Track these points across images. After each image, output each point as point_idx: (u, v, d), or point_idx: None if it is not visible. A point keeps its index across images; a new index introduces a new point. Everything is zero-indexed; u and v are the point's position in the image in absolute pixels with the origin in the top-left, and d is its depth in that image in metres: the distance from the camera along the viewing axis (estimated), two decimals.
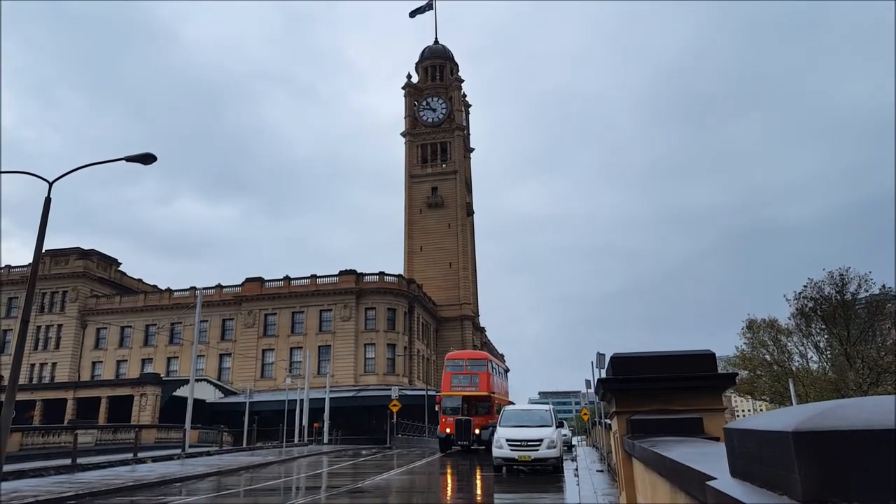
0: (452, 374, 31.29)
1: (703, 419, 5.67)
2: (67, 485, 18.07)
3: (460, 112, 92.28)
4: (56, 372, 69.53)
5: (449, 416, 29.76)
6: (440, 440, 30.54)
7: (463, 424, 28.84)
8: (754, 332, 49.12)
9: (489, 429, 26.80)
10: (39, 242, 16.68)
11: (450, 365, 32.49)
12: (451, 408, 30.03)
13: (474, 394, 30.12)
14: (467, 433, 28.68)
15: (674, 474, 3.50)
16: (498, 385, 33.87)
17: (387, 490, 17.65)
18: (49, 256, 70.56)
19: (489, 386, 30.56)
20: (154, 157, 17.09)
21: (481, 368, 31.34)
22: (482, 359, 33.29)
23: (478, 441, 28.56)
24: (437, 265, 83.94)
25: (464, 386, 30.36)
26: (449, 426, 29.47)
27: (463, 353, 37.08)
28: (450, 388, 30.67)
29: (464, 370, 31.19)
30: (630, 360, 6.45)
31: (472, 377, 30.59)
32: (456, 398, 30.13)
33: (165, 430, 39.94)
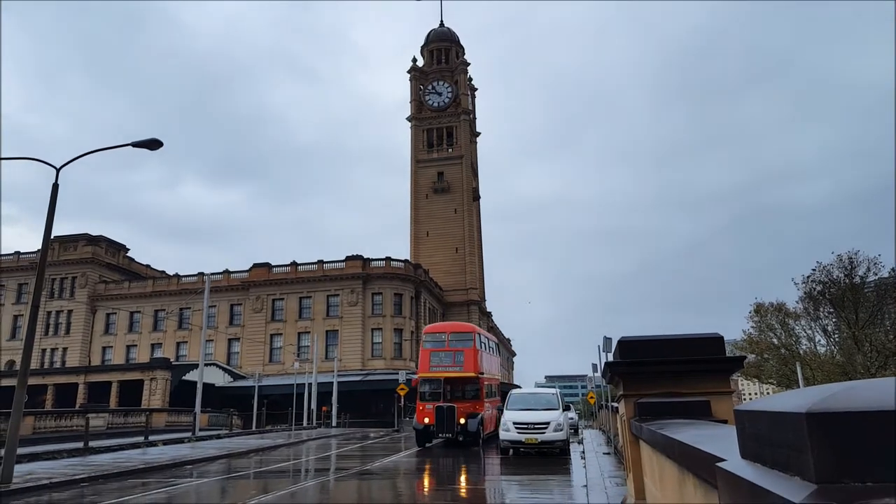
0: (432, 352, 25.86)
1: (711, 402, 5.68)
2: (80, 467, 18.33)
3: (466, 96, 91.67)
4: (67, 357, 70.19)
5: (427, 403, 24.85)
6: (417, 432, 25.03)
7: (445, 412, 23.86)
8: (762, 315, 48.96)
9: (477, 417, 23.94)
10: (48, 228, 16.76)
11: (428, 340, 26.93)
12: (430, 392, 25.29)
13: (459, 375, 25.08)
14: (450, 423, 23.80)
15: (682, 456, 3.50)
16: (488, 363, 28.21)
17: (395, 472, 17.80)
18: (58, 242, 70.93)
19: (477, 365, 25.28)
20: (160, 142, 17.09)
21: (467, 343, 25.83)
22: (468, 332, 27.29)
23: (464, 432, 23.86)
24: (443, 250, 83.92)
25: (446, 365, 25.23)
26: (427, 415, 24.43)
27: (444, 325, 30.17)
28: (428, 367, 25.50)
29: (445, 346, 25.77)
30: (637, 344, 6.45)
31: (455, 354, 25.35)
32: (436, 380, 25.21)
33: (176, 414, 40.34)
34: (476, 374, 25.10)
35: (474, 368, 25.12)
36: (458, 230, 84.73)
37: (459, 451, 23.41)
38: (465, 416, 24.00)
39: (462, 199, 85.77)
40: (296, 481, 16.68)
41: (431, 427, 24.15)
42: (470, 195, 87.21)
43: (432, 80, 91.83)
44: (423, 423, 24.54)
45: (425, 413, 24.64)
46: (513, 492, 14.41)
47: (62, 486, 15.04)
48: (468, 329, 28.03)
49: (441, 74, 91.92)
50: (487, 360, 27.92)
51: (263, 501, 12.44)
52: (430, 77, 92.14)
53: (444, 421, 23.85)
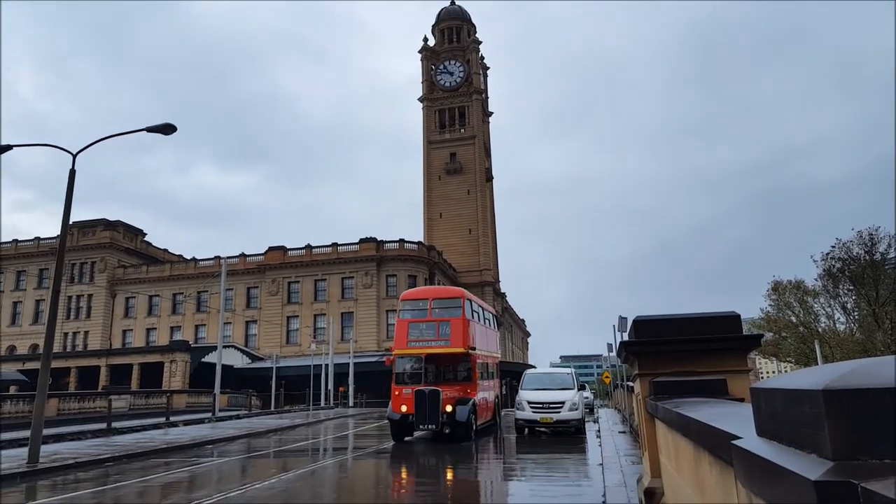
0: (410, 323, 20.93)
1: (728, 380, 5.66)
2: (104, 447, 18.73)
3: (478, 75, 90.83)
4: (88, 340, 71.38)
5: (405, 387, 19.91)
6: (391, 423, 19.93)
7: (426, 398, 18.88)
8: (780, 293, 48.56)
9: (468, 404, 19.28)
10: (66, 215, 16.96)
11: (406, 308, 21.78)
12: (408, 373, 20.53)
13: (444, 350, 20.24)
14: (433, 411, 18.79)
15: (698, 434, 3.51)
16: (482, 338, 22.85)
17: (411, 451, 17.99)
18: (76, 228, 71.77)
19: (467, 338, 20.19)
20: (174, 127, 17.16)
21: (454, 312, 20.72)
22: (455, 297, 21.70)
23: (451, 423, 18.98)
24: (456, 231, 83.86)
25: (428, 339, 20.32)
26: (405, 401, 19.44)
27: (426, 290, 24.22)
28: (406, 342, 20.56)
29: (427, 315, 20.82)
30: (653, 323, 6.44)
31: (440, 326, 20.43)
32: (416, 358, 20.44)
33: (196, 395, 40.97)
34: (466, 349, 20.01)
35: (464, 342, 19.96)
36: (472, 211, 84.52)
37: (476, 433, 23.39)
38: (453, 403, 19.12)
39: (475, 179, 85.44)
40: (315, 460, 16.94)
41: (410, 417, 19.09)
42: (483, 176, 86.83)
43: (444, 60, 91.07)
44: (399, 411, 19.43)
45: (402, 399, 19.56)
46: (528, 470, 14.53)
47: (87, 465, 15.40)
48: (455, 294, 22.09)
49: (453, 54, 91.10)
50: (481, 333, 22.82)
51: (283, 479, 12.66)
52: (442, 57, 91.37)
53: (426, 409, 18.76)
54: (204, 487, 12.47)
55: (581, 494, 10.62)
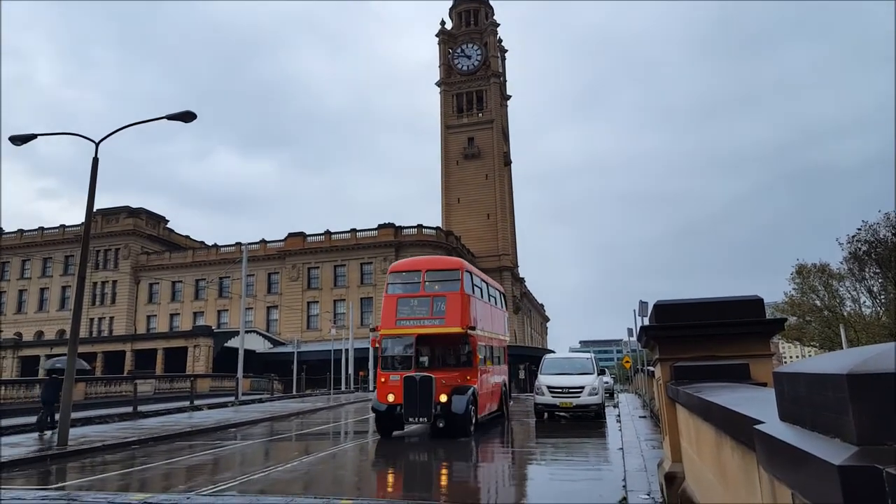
0: (400, 298, 18.15)
1: (750, 365, 5.61)
2: (130, 430, 19.15)
3: (496, 58, 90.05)
4: (114, 325, 72.73)
5: (393, 372, 17.31)
6: (377, 415, 17.24)
7: (417, 386, 16.28)
8: (804, 277, 47.93)
9: (466, 393, 16.57)
10: (90, 202, 17.21)
11: (395, 281, 18.98)
12: (396, 357, 18.00)
13: (439, 330, 17.53)
14: (425, 401, 16.20)
15: (720, 419, 3.49)
16: (485, 316, 19.91)
17: (427, 436, 18.11)
18: (100, 215, 72.87)
19: (465, 316, 17.42)
20: (194, 114, 17.29)
21: (451, 286, 17.89)
22: (452, 268, 18.83)
23: (446, 415, 16.31)
24: (475, 216, 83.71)
25: (420, 318, 17.58)
26: (392, 389, 16.79)
27: (418, 261, 20.37)
28: (394, 321, 17.79)
29: (420, 290, 18.05)
30: (674, 308, 6.39)
31: (434, 301, 17.66)
32: (406, 339, 17.68)
33: (219, 380, 41.62)
34: (464, 328, 17.18)
35: (461, 321, 17.16)
36: (490, 196, 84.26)
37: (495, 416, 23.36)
38: (448, 392, 16.46)
39: (493, 164, 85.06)
40: (336, 443, 17.16)
41: (399, 407, 16.46)
42: (501, 160, 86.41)
43: (461, 43, 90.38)
44: (385, 401, 16.76)
45: (389, 387, 16.87)
46: (547, 454, 14.58)
47: (114, 448, 15.76)
48: (453, 265, 19.19)
49: (470, 37, 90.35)
50: (485, 311, 20.01)
51: (305, 462, 12.84)
52: (459, 40, 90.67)
53: (417, 398, 16.18)
54: (228, 469, 12.71)
55: (601, 479, 10.64)
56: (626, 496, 8.17)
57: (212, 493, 9.68)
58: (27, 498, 9.61)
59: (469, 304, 17.83)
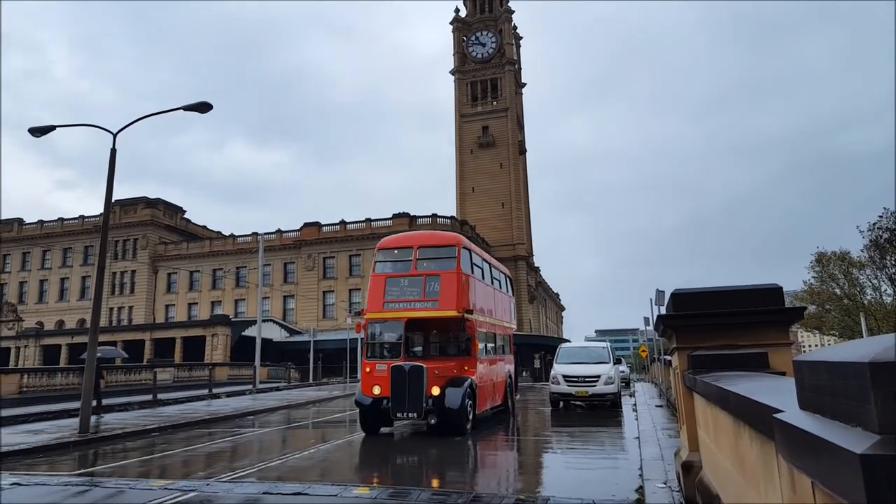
0: (388, 278, 16.15)
1: (769, 354, 5.56)
2: (151, 418, 19.44)
3: (511, 45, 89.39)
4: (133, 315, 73.70)
5: (379, 361, 15.44)
6: (360, 409, 15.36)
7: (406, 377, 14.48)
8: (823, 265, 47.34)
9: (463, 386, 14.72)
10: (109, 193, 17.40)
11: (385, 259, 16.87)
12: (384, 344, 16.07)
13: (431, 314, 15.55)
14: (415, 395, 14.39)
15: (738, 408, 3.47)
16: (486, 299, 17.99)
17: None
18: (118, 206, 73.66)
19: (462, 297, 15.47)
20: (210, 105, 17.37)
21: (446, 264, 15.82)
22: (448, 244, 16.57)
23: (439, 411, 14.44)
24: (489, 206, 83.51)
25: (410, 300, 15.65)
26: (378, 381, 15.02)
27: (410, 236, 18.58)
28: (382, 304, 15.86)
29: (411, 268, 15.98)
30: (691, 296, 6.34)
31: (427, 281, 15.64)
32: (394, 324, 15.74)
33: (237, 368, 42.07)
34: (460, 312, 15.19)
35: (457, 303, 15.17)
36: (504, 185, 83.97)
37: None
38: (442, 384, 14.60)
39: (508, 153, 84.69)
40: (352, 431, 17.28)
41: (385, 401, 14.65)
42: (516, 149, 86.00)
43: (475, 31, 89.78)
44: (370, 394, 14.97)
45: (374, 378, 15.08)
46: (563, 442, 14.59)
47: (135, 435, 16.02)
48: (448, 240, 16.85)
49: (484, 24, 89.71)
50: (485, 294, 18.04)
51: (322, 450, 12.96)
52: (474, 27, 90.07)
53: (405, 391, 14.35)
54: (246, 457, 12.87)
55: (617, 467, 10.64)
56: (642, 485, 8.16)
57: (231, 479, 9.81)
58: (51, 483, 9.81)
59: (466, 284, 15.83)
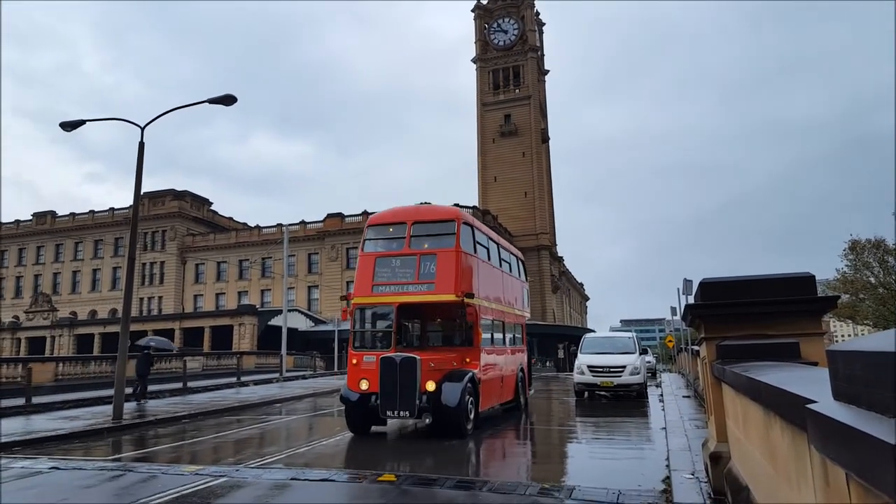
0: (379, 258, 14.45)
1: (800, 344, 5.48)
2: (181, 405, 19.83)
3: (533, 32, 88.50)
4: (163, 305, 75.08)
5: (367, 353, 13.68)
6: (346, 406, 13.50)
7: (397, 371, 12.56)
8: (858, 253, 46.25)
9: (463, 381, 12.91)
10: (138, 185, 17.69)
11: (375, 237, 15.13)
12: (374, 333, 14.55)
13: (425, 299, 13.70)
14: (407, 391, 12.51)
15: (769, 398, 3.42)
16: (492, 283, 16.02)
17: None
18: (147, 198, 74.92)
19: (461, 279, 13.60)
20: (235, 98, 17.51)
21: (444, 241, 14.03)
22: (446, 219, 14.61)
23: (434, 408, 12.68)
24: (512, 195, 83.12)
25: (402, 282, 13.83)
26: (366, 375, 13.21)
27: (403, 211, 15.22)
28: (370, 288, 14.08)
29: (405, 247, 14.19)
30: (720, 285, 6.26)
31: (421, 262, 13.84)
32: (384, 310, 14.17)
33: (264, 357, 42.63)
34: (459, 296, 13.26)
35: (456, 286, 13.33)
36: (527, 174, 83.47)
37: (533, 394, 23.16)
38: (438, 379, 12.85)
39: (530, 141, 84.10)
40: None
41: (374, 397, 12.84)
42: (538, 137, 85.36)
43: (497, 18, 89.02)
44: (357, 389, 13.19)
45: (362, 371, 13.30)
46: (588, 432, 14.55)
47: (166, 422, 16.37)
48: (446, 215, 14.74)
49: (506, 10, 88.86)
50: (492, 277, 16.08)
51: (348, 437, 13.10)
52: (495, 14, 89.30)
53: (396, 386, 12.46)
54: (274, 443, 13.07)
55: (644, 458, 10.58)
56: (669, 475, 8.11)
57: (259, 465, 9.98)
58: (87, 468, 10.08)
59: (468, 265, 13.97)
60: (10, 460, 10.87)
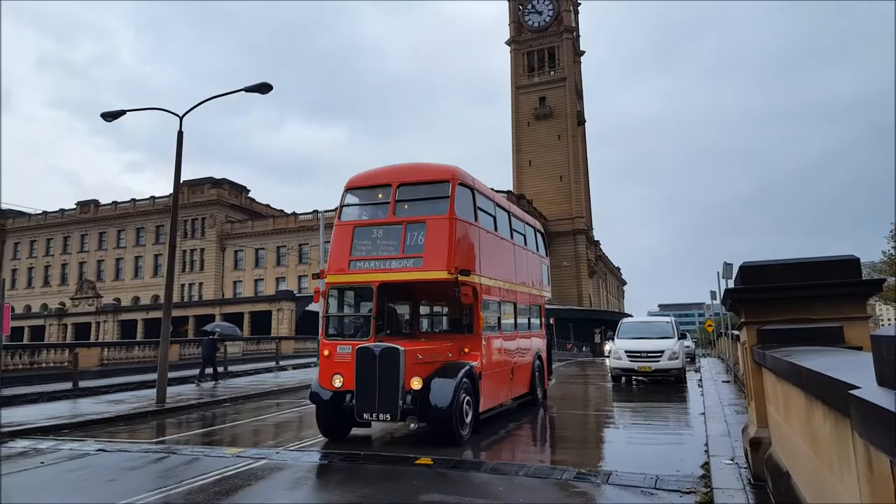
0: (358, 228, 11.88)
1: (844, 328, 5.32)
2: (222, 389, 20.33)
3: (568, 12, 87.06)
4: (203, 291, 76.91)
5: (342, 342, 11.30)
6: (317, 406, 11.11)
7: (376, 364, 10.19)
8: None
9: (456, 377, 10.51)
10: (177, 174, 18.06)
11: (354, 202, 12.53)
12: (352, 319, 12.43)
13: (411, 277, 11.20)
14: (388, 389, 10.11)
15: (811, 384, 3.34)
16: (496, 256, 13.51)
17: None
18: (186, 186, 76.50)
19: (458, 254, 11.12)
20: (271, 86, 17.67)
21: (436, 206, 11.50)
22: (438, 179, 11.82)
23: (421, 409, 10.19)
24: (547, 179, 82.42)
25: (385, 256, 11.39)
26: (340, 369, 10.83)
27: (391, 171, 12.30)
28: (346, 263, 11.60)
29: (388, 214, 11.63)
30: (761, 269, 6.11)
31: (408, 232, 11.33)
32: (362, 291, 11.85)
33: (302, 341, 43.35)
34: (451, 272, 10.75)
35: (448, 261, 10.85)
36: (563, 157, 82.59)
37: (566, 381, 23.09)
38: (427, 374, 10.50)
39: (566, 124, 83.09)
40: None
41: (349, 396, 10.57)
42: (574, 120, 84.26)
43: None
44: (329, 386, 10.85)
45: (335, 364, 10.96)
46: (625, 417, 14.44)
47: (207, 405, 16.81)
48: (438, 174, 11.97)
49: None
50: (499, 250, 13.70)
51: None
52: None
53: (375, 383, 10.17)
54: (312, 426, 13.26)
55: (682, 443, 10.46)
56: (708, 461, 8.01)
57: (298, 448, 10.19)
58: (132, 450, 10.44)
59: (465, 235, 11.55)
60: (58, 442, 11.31)
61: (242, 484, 7.88)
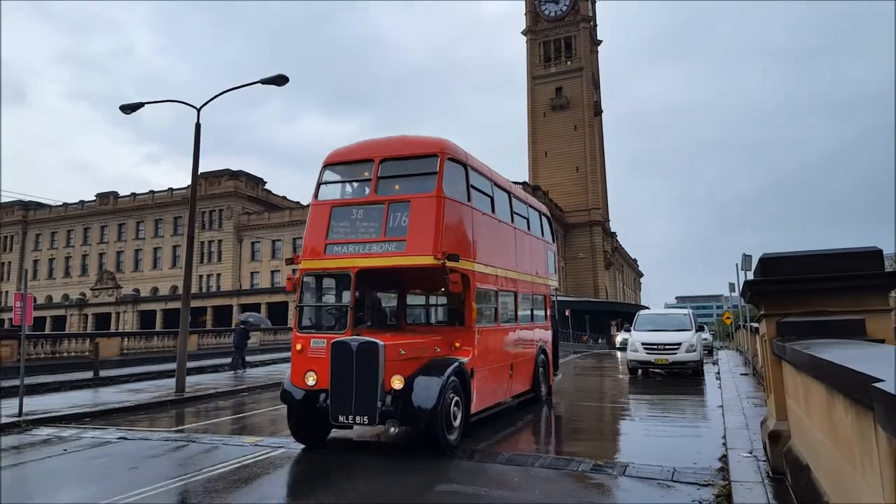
0: (336, 208, 10.53)
1: (866, 321, 5.25)
2: (240, 378, 20.55)
3: (585, 2, 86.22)
4: (221, 282, 77.61)
5: (316, 335, 9.95)
6: (288, 406, 9.66)
7: (353, 361, 8.77)
8: None
9: (443, 376, 9.15)
10: (195, 166, 18.19)
11: (334, 178, 11.22)
12: (328, 309, 11.12)
13: (394, 262, 9.81)
14: (365, 388, 8.71)
15: (832, 377, 3.30)
16: (493, 239, 11.98)
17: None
18: (203, 178, 77.08)
19: (445, 237, 9.69)
20: (287, 78, 17.71)
21: (422, 184, 10.15)
22: (426, 153, 10.38)
23: (403, 411, 8.77)
24: (563, 170, 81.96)
25: (364, 240, 10.08)
26: (314, 366, 9.49)
27: (374, 144, 10.91)
28: (323, 247, 10.34)
29: (370, 192, 10.34)
30: (781, 261, 6.04)
31: (390, 212, 9.99)
32: (339, 279, 10.61)
33: None
34: (438, 258, 9.54)
35: (434, 246, 9.63)
36: (579, 148, 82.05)
37: (583, 372, 22.99)
38: (411, 372, 9.23)
39: (582, 114, 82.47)
40: None
41: (323, 395, 9.28)
42: (591, 110, 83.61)
43: None
44: (302, 385, 9.61)
45: (308, 360, 9.76)
46: (641, 410, 14.38)
47: (226, 395, 17.00)
48: (425, 148, 10.61)
49: None
50: (497, 234, 12.37)
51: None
52: None
53: (351, 382, 8.84)
54: None
55: (699, 436, 10.40)
56: (726, 453, 7.96)
57: None
58: (152, 439, 10.60)
59: (456, 216, 10.30)
60: (80, 430, 11.51)
61: (261, 472, 7.98)
